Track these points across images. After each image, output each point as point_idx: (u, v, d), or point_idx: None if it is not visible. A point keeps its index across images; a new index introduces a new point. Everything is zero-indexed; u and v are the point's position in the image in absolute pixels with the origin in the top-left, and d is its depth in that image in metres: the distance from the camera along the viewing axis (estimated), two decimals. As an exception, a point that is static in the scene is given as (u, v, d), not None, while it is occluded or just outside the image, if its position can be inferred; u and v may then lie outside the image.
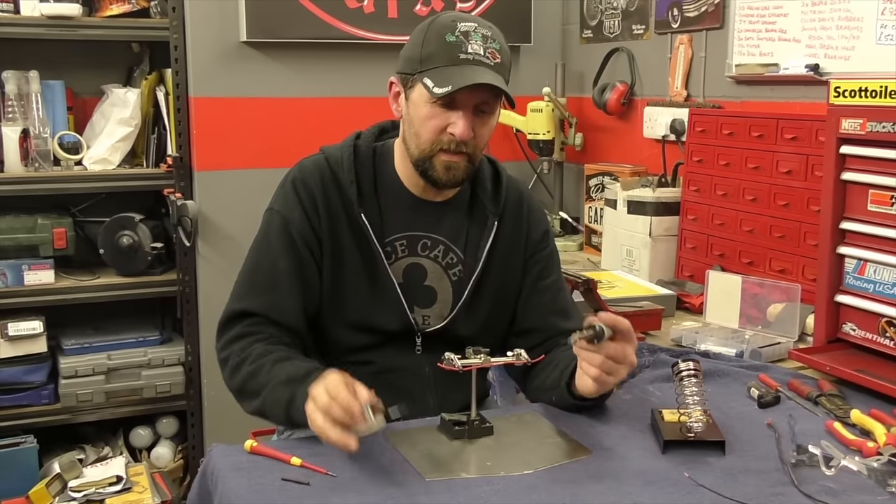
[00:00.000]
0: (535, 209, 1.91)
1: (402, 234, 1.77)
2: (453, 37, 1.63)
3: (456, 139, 1.65)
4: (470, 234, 1.82)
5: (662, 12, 3.01)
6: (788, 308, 2.10)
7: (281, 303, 1.72)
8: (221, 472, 1.43)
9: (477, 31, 1.65)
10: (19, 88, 2.98)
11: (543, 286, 1.85)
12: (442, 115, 1.65)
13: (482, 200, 1.82)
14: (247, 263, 1.78)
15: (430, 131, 1.67)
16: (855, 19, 2.32)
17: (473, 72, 1.62)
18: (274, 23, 3.08)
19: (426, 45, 1.65)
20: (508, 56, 1.71)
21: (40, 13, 2.94)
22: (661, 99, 3.04)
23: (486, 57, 1.64)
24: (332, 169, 1.76)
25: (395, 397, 1.70)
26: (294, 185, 1.76)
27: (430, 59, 1.64)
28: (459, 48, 1.63)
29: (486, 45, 1.65)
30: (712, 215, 2.52)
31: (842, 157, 1.87)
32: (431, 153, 1.68)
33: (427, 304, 1.80)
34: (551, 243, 1.91)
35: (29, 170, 2.98)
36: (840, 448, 1.49)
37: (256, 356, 1.65)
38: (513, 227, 1.84)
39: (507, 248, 1.83)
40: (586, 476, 1.43)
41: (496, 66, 1.65)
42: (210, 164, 3.13)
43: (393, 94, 1.76)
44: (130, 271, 3.15)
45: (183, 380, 3.21)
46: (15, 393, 3.01)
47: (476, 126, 1.67)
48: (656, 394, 1.78)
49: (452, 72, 1.62)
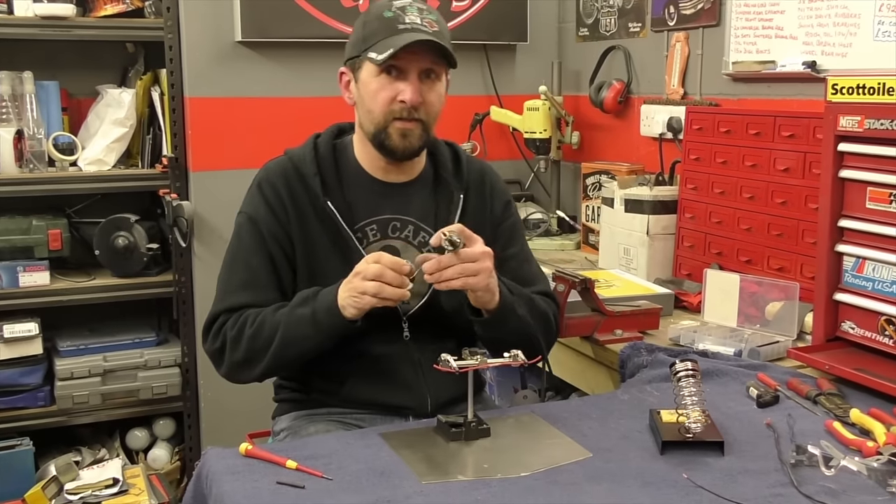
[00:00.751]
0: (497, 182, 1.98)
1: (371, 219, 1.83)
2: (390, 12, 1.73)
3: (407, 105, 1.72)
4: (438, 211, 1.88)
5: (659, 10, 3.00)
6: (787, 306, 2.09)
7: (261, 296, 1.78)
8: (216, 476, 1.42)
9: (412, 5, 1.75)
10: (13, 89, 2.97)
11: (508, 255, 1.91)
12: (390, 86, 1.73)
13: (445, 178, 1.89)
14: (223, 267, 1.85)
15: (381, 103, 1.74)
16: (852, 16, 2.31)
17: (413, 36, 1.69)
18: (269, 22, 3.07)
19: (366, 25, 1.76)
20: (446, 28, 1.79)
21: (34, 13, 2.93)
22: (658, 97, 3.02)
23: (424, 25, 1.72)
24: (295, 165, 1.83)
25: (388, 387, 1.74)
26: (259, 186, 1.83)
27: (371, 37, 1.73)
28: (397, 20, 1.72)
29: (422, 15, 1.74)
30: (710, 213, 2.51)
31: (840, 155, 1.86)
32: (386, 124, 1.75)
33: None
34: (514, 214, 1.99)
35: (23, 171, 2.97)
36: (839, 448, 1.48)
37: (254, 317, 1.73)
38: (477, 202, 1.91)
39: (475, 222, 1.86)
40: (584, 477, 1.42)
41: (434, 34, 1.72)
42: (205, 165, 3.12)
43: (344, 84, 1.85)
44: (126, 272, 3.14)
45: (179, 381, 3.20)
46: (10, 395, 3.00)
47: (424, 92, 1.74)
48: (654, 394, 1.77)
49: (393, 40, 1.70)
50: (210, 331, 1.80)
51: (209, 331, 1.80)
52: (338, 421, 1.82)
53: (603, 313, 2.11)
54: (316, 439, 1.64)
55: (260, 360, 1.73)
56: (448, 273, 1.63)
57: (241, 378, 1.79)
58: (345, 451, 1.50)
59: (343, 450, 1.51)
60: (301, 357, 1.76)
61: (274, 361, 1.73)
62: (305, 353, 1.74)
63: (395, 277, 1.61)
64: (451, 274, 1.63)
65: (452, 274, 1.63)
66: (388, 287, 1.61)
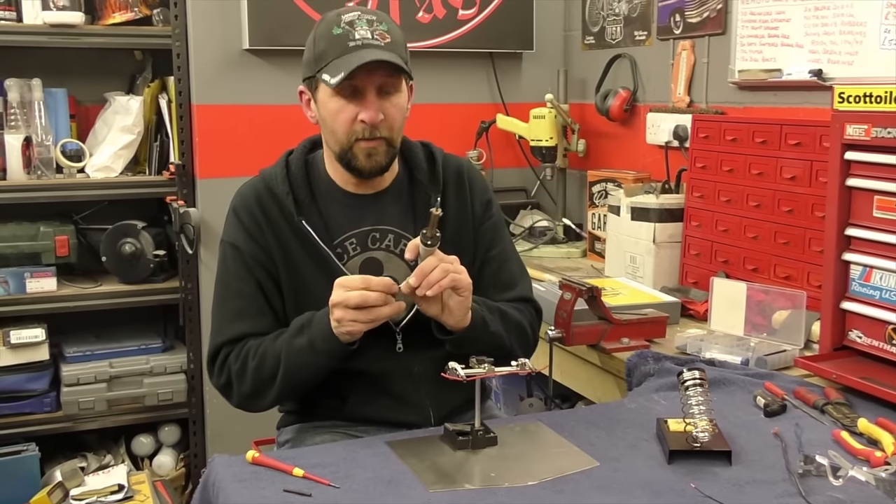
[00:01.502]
0: (476, 180, 1.94)
1: (349, 233, 1.81)
2: (339, 28, 1.69)
3: (367, 125, 1.70)
4: (416, 215, 1.85)
5: (664, 18, 3.00)
6: (794, 315, 2.09)
7: (257, 323, 1.76)
8: (223, 484, 1.43)
9: (361, 17, 1.70)
10: (22, 96, 2.98)
11: (489, 258, 1.90)
12: (349, 107, 1.70)
13: (420, 180, 1.86)
14: (215, 299, 1.83)
15: (342, 124, 1.72)
16: (858, 24, 2.31)
17: (364, 55, 1.66)
18: (276, 30, 3.07)
19: (317, 43, 1.71)
20: (400, 36, 1.75)
21: (43, 21, 2.94)
22: (664, 105, 3.03)
23: (375, 39, 1.69)
24: (268, 186, 1.81)
25: (392, 402, 1.73)
26: (235, 211, 1.82)
27: (323, 56, 1.69)
28: (347, 37, 1.68)
29: (372, 28, 1.70)
30: (716, 222, 2.51)
31: (846, 163, 1.86)
32: (349, 144, 1.73)
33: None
34: (495, 213, 1.95)
35: (31, 177, 2.98)
36: (847, 457, 1.48)
37: (255, 349, 1.72)
38: (457, 201, 1.88)
39: (456, 222, 1.86)
40: (592, 487, 1.42)
41: (387, 46, 1.69)
42: (212, 172, 3.12)
43: (304, 103, 1.83)
44: (133, 279, 3.14)
45: (185, 387, 3.20)
46: (17, 401, 3.01)
47: (384, 108, 1.71)
48: (662, 402, 1.77)
49: (344, 60, 1.66)
50: (214, 365, 1.78)
51: (213, 365, 1.78)
52: (343, 432, 1.82)
53: (610, 322, 2.11)
54: (323, 447, 1.64)
55: (268, 391, 1.72)
56: (434, 275, 1.59)
57: (253, 409, 1.78)
58: (352, 459, 1.50)
59: (350, 458, 1.51)
60: (308, 383, 1.74)
61: (282, 391, 1.72)
62: (311, 379, 1.73)
63: (379, 297, 1.58)
64: (437, 275, 1.60)
65: (438, 274, 1.60)
66: (378, 310, 1.59)
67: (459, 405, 1.83)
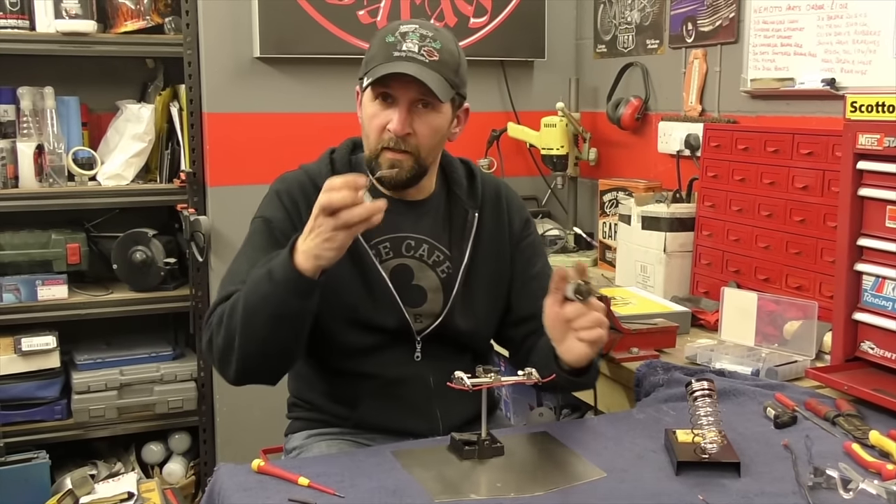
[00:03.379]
0: (514, 200, 1.95)
1: (385, 237, 1.79)
2: (392, 37, 1.70)
3: (392, 135, 1.69)
4: (452, 230, 1.85)
5: (677, 27, 2.99)
6: (805, 326, 2.07)
7: None
8: (228, 492, 1.42)
9: (416, 31, 1.71)
10: (34, 104, 3.00)
11: (534, 273, 1.89)
12: (382, 113, 1.71)
13: (459, 196, 1.86)
14: (229, 266, 1.80)
15: (374, 129, 1.72)
16: (871, 33, 2.29)
17: (402, 66, 1.68)
18: (287, 38, 3.08)
19: (371, 47, 1.75)
20: (454, 56, 1.73)
21: (56, 30, 2.95)
22: (676, 114, 3.01)
23: (421, 54, 1.68)
24: (311, 178, 1.80)
25: (400, 411, 1.71)
26: (277, 193, 1.81)
27: (371, 60, 1.72)
28: (394, 47, 1.69)
29: (422, 43, 1.69)
30: (727, 231, 2.50)
31: (859, 173, 1.84)
32: (377, 152, 1.73)
33: (417, 303, 1.81)
34: (533, 231, 1.96)
35: (43, 185, 2.99)
36: (858, 470, 1.46)
37: (235, 296, 1.62)
38: (494, 219, 1.88)
39: (492, 239, 1.86)
40: (599, 498, 1.41)
41: (432, 63, 1.68)
42: (223, 180, 3.13)
43: (358, 103, 1.82)
44: (143, 287, 3.15)
45: (195, 395, 3.20)
46: (28, 408, 3.01)
47: (415, 122, 1.71)
48: (670, 413, 1.75)
49: (383, 67, 1.67)
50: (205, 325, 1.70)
51: (206, 325, 1.70)
52: (350, 440, 1.81)
53: (619, 331, 2.10)
54: (328, 457, 1.63)
55: (234, 341, 1.59)
56: (591, 326, 1.58)
57: (225, 373, 1.66)
58: (357, 468, 1.49)
59: (355, 467, 1.50)
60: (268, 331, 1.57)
61: (246, 337, 1.58)
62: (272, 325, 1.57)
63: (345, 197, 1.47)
64: (594, 327, 1.58)
65: (594, 327, 1.58)
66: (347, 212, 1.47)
67: (471, 418, 1.81)
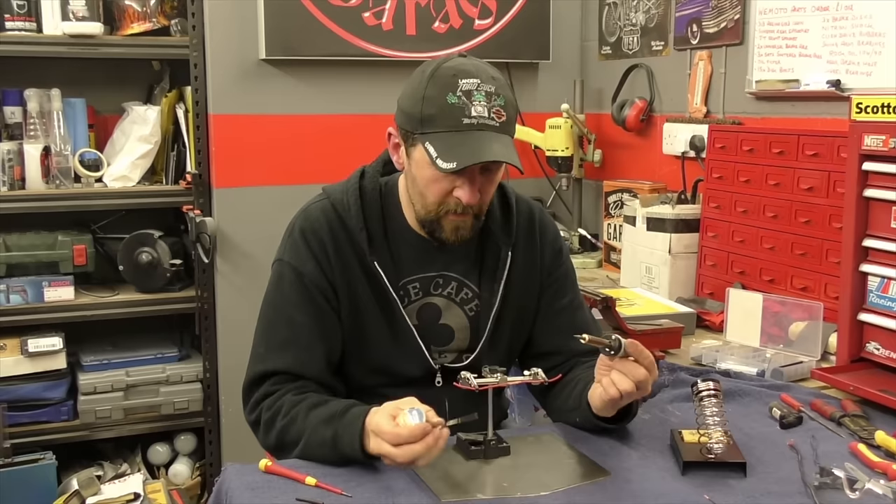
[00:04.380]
0: (548, 228, 1.85)
1: (414, 277, 1.73)
2: (455, 97, 1.54)
3: (462, 203, 1.61)
4: (484, 267, 1.77)
5: (682, 28, 3.00)
6: (810, 326, 2.07)
7: (303, 357, 1.66)
8: (235, 492, 1.43)
9: (480, 88, 1.55)
10: (41, 106, 3.00)
11: (560, 307, 1.81)
12: (446, 180, 1.59)
13: (493, 231, 1.76)
14: (262, 321, 1.72)
15: (435, 194, 1.61)
16: (877, 34, 2.29)
17: (478, 140, 1.54)
18: (293, 40, 3.09)
19: (426, 104, 1.56)
20: (514, 109, 1.63)
21: (62, 32, 2.96)
22: (681, 115, 3.02)
23: (492, 118, 1.56)
24: (339, 215, 1.70)
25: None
26: (304, 235, 1.69)
27: (431, 122, 1.56)
28: (462, 112, 1.54)
29: (490, 104, 1.56)
30: (733, 232, 2.50)
31: (864, 174, 1.84)
32: (438, 215, 1.63)
33: (443, 342, 1.77)
34: (565, 262, 1.86)
35: (50, 187, 3.00)
36: (864, 470, 1.46)
37: (288, 408, 1.59)
38: (526, 252, 1.80)
39: (523, 274, 1.79)
40: (605, 498, 1.41)
41: (502, 126, 1.57)
42: (229, 181, 3.14)
43: (392, 145, 1.69)
44: (149, 288, 3.16)
45: (201, 397, 3.21)
46: (34, 409, 3.02)
47: (483, 186, 1.62)
48: (676, 413, 1.75)
49: (456, 141, 1.54)
50: (251, 396, 1.67)
51: (250, 395, 1.67)
52: None
53: (624, 332, 2.10)
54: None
55: (288, 453, 1.59)
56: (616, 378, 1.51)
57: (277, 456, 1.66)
58: (364, 468, 1.49)
59: (362, 467, 1.50)
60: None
61: (304, 458, 1.56)
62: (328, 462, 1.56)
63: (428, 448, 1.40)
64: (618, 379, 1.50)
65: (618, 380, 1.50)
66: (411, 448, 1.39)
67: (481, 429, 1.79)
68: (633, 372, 1.49)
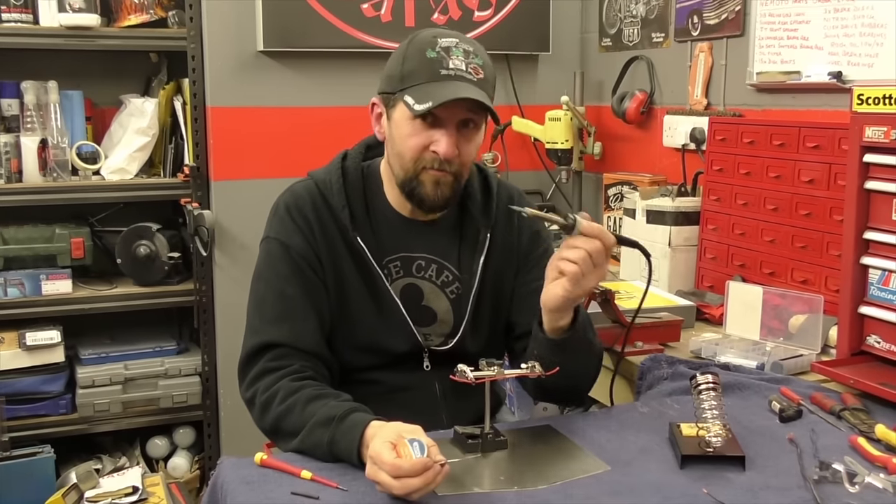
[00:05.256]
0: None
1: (395, 256, 1.76)
2: (434, 52, 1.61)
3: (440, 157, 1.63)
4: (462, 250, 1.80)
5: (682, 20, 2.98)
6: (811, 319, 2.06)
7: (298, 328, 1.68)
8: (230, 486, 1.42)
9: (458, 46, 1.63)
10: (38, 98, 3.00)
11: (537, 287, 1.76)
12: (424, 133, 1.63)
13: (472, 214, 1.79)
14: (253, 296, 1.74)
15: (412, 149, 1.64)
16: (878, 26, 2.27)
17: (455, 87, 1.60)
18: (291, 32, 3.07)
19: (406, 62, 1.63)
20: (493, 72, 1.68)
21: (59, 24, 2.95)
22: (681, 107, 3.00)
23: (469, 72, 1.62)
24: (322, 194, 1.74)
25: (407, 416, 1.66)
26: (289, 211, 1.73)
27: (410, 76, 1.62)
28: (440, 63, 1.61)
29: (468, 59, 1.63)
30: (733, 225, 2.49)
31: (865, 166, 1.83)
32: (416, 172, 1.66)
33: (426, 323, 1.79)
34: (544, 242, 1.88)
35: (47, 179, 2.99)
36: (864, 464, 1.45)
37: (285, 394, 1.60)
38: (505, 235, 1.83)
39: (501, 256, 1.82)
40: (603, 491, 1.40)
41: (479, 82, 1.63)
42: (227, 174, 3.13)
43: (375, 116, 1.75)
44: (147, 281, 3.15)
45: (200, 390, 3.20)
46: (32, 403, 3.02)
47: (460, 143, 1.65)
48: (675, 407, 1.74)
49: (433, 87, 1.60)
50: (246, 374, 1.68)
51: (245, 373, 1.69)
52: None
53: (623, 325, 2.09)
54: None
55: (285, 441, 1.59)
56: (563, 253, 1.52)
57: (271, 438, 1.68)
58: (360, 461, 1.49)
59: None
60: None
61: (298, 453, 1.55)
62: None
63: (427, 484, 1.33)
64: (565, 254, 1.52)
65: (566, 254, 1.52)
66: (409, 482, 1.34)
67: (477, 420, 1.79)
68: (587, 244, 1.51)
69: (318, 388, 1.62)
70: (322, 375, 1.69)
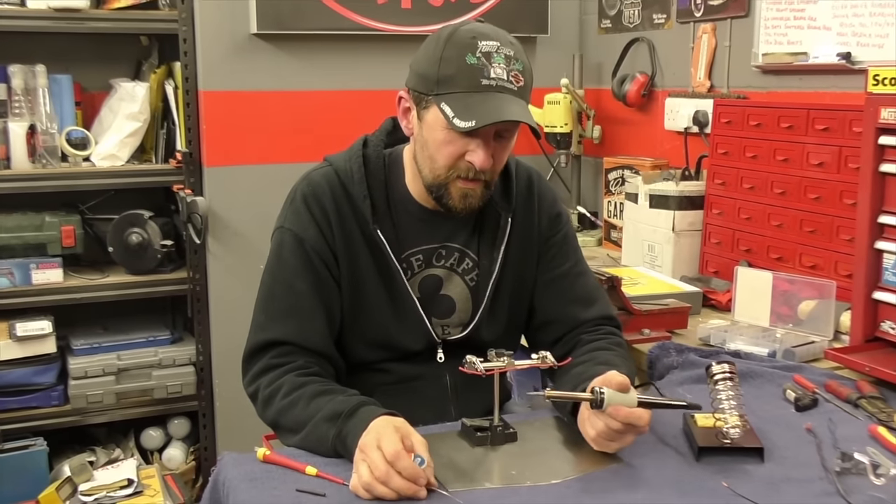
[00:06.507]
0: (546, 194, 1.82)
1: (417, 248, 1.70)
2: (474, 58, 1.52)
3: (475, 168, 1.57)
4: (483, 235, 1.74)
5: (685, 1, 2.92)
6: (822, 305, 2.02)
7: (305, 326, 1.63)
8: (233, 483, 1.37)
9: (500, 51, 1.54)
10: (26, 83, 2.92)
11: (559, 273, 1.77)
12: (460, 142, 1.56)
13: (493, 198, 1.72)
14: (263, 289, 1.68)
15: (446, 157, 1.58)
16: (889, 5, 2.23)
17: (498, 101, 1.52)
18: (285, 14, 3.01)
19: (444, 65, 1.54)
20: (531, 73, 1.60)
21: (47, 6, 2.88)
22: (684, 90, 2.95)
23: (510, 81, 1.54)
24: (342, 182, 1.67)
25: (415, 406, 1.61)
26: (306, 201, 1.66)
27: (448, 82, 1.53)
28: (481, 72, 1.52)
29: (509, 67, 1.54)
30: (739, 209, 2.44)
31: (880, 148, 1.79)
32: (447, 180, 1.60)
33: (445, 314, 1.74)
34: (564, 227, 1.82)
35: (36, 166, 2.92)
36: (887, 454, 1.41)
37: (289, 388, 1.55)
38: (524, 219, 1.77)
39: (521, 241, 1.76)
40: (618, 485, 1.36)
41: (520, 91, 1.56)
42: (220, 160, 3.06)
43: (403, 110, 1.66)
44: (140, 270, 3.09)
45: (194, 380, 3.15)
46: (24, 394, 2.95)
47: (495, 152, 1.59)
48: (687, 396, 1.69)
49: (474, 100, 1.52)
50: (249, 369, 1.63)
51: (248, 367, 1.64)
52: None
53: (630, 312, 2.05)
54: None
55: (288, 435, 1.55)
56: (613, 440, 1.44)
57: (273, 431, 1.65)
58: (366, 456, 1.44)
59: (364, 455, 1.44)
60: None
61: (301, 448, 1.51)
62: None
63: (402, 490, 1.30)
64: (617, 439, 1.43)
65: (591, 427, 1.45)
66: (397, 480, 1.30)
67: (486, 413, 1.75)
68: (613, 424, 1.41)
69: (324, 383, 1.57)
70: (328, 373, 1.64)
